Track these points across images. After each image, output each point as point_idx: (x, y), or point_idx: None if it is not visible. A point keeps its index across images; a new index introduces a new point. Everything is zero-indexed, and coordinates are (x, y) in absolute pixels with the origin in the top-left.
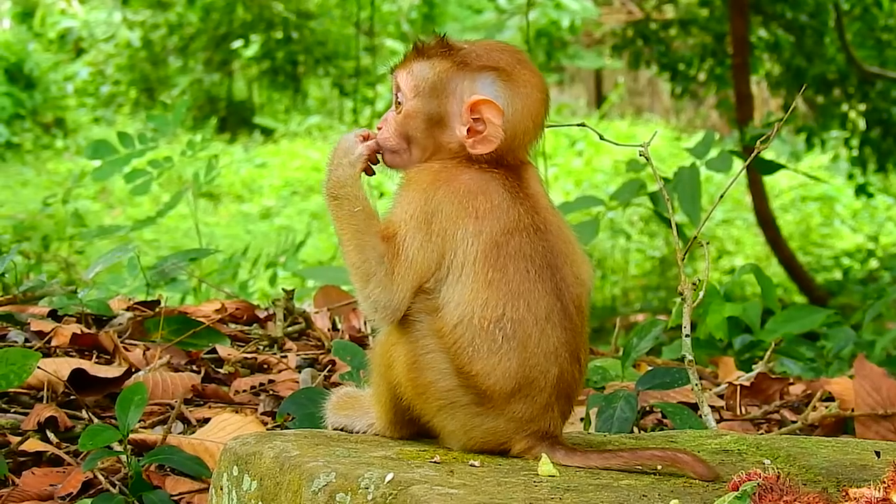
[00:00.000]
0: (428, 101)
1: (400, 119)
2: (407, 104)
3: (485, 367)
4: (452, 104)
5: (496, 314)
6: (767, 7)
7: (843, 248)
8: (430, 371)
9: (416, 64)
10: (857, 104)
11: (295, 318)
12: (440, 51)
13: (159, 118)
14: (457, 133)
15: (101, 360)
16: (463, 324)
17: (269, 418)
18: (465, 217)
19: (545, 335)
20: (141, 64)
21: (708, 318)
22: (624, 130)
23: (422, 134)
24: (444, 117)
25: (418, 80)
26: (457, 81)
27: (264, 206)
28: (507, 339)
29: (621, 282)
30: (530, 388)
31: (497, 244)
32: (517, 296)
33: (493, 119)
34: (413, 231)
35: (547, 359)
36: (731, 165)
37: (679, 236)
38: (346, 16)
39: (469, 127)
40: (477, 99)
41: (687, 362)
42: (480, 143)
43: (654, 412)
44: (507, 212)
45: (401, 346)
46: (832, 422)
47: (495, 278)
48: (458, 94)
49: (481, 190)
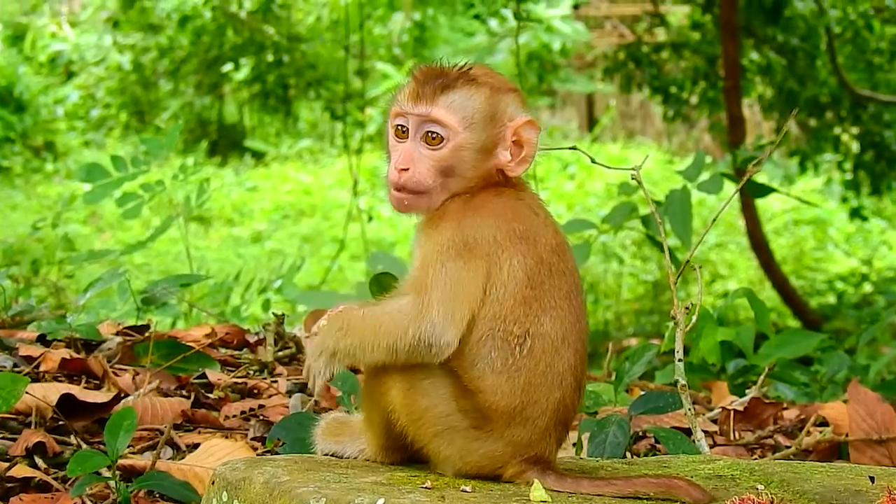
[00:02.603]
0: (481, 132)
1: (444, 154)
2: (457, 137)
3: (493, 384)
4: (502, 131)
5: (522, 329)
6: (759, 30)
7: (837, 272)
8: (427, 396)
9: (453, 96)
10: (849, 127)
11: (285, 342)
12: (465, 79)
13: (152, 141)
14: (500, 158)
15: (91, 385)
16: (486, 338)
17: (258, 444)
18: (510, 238)
19: (559, 355)
20: (131, 87)
21: (701, 342)
22: (616, 154)
23: (469, 165)
24: (494, 145)
25: (466, 111)
26: (501, 107)
27: (255, 229)
28: (523, 356)
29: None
30: (532, 411)
31: (541, 261)
32: (545, 311)
33: (532, 138)
34: (452, 259)
35: (554, 381)
36: (722, 188)
37: (671, 260)
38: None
39: (510, 150)
40: (522, 121)
41: (680, 387)
42: (521, 165)
43: (647, 437)
44: (544, 230)
45: (395, 372)
46: (826, 447)
47: (531, 295)
48: (504, 120)
49: (516, 214)
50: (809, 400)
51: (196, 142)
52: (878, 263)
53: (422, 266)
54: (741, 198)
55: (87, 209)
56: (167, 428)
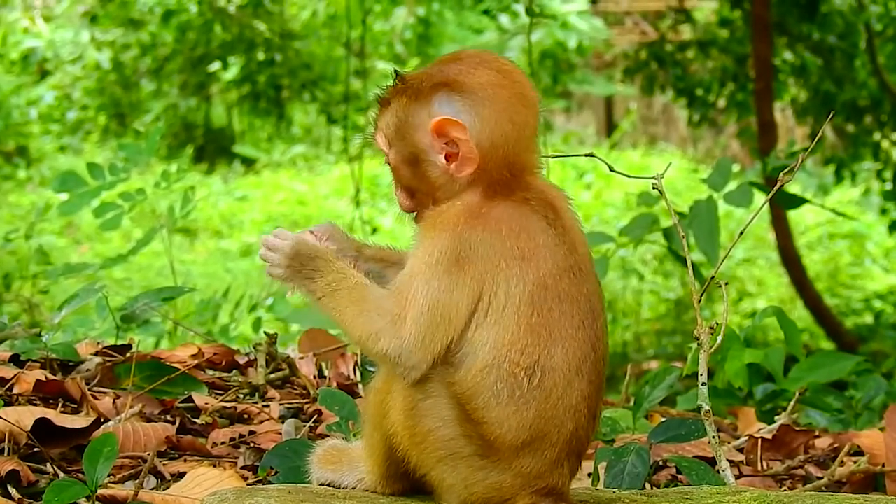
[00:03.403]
0: (400, 146)
1: (394, 176)
2: (389, 158)
3: (500, 416)
4: (421, 138)
5: (530, 360)
6: (793, 27)
7: (875, 289)
8: (431, 418)
9: (381, 118)
10: (890, 133)
11: (278, 363)
12: (396, 90)
13: (131, 147)
14: (438, 164)
15: (68, 410)
16: (490, 367)
17: (249, 473)
18: (510, 258)
19: (571, 387)
20: (111, 87)
21: (727, 364)
22: (636, 161)
23: (413, 181)
24: (418, 155)
25: (385, 130)
26: (415, 113)
27: (245, 242)
28: (532, 388)
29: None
30: (542, 443)
31: (545, 286)
32: (556, 342)
33: (459, 135)
34: (439, 275)
35: (566, 413)
36: (751, 199)
37: (695, 276)
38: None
39: (445, 153)
40: (436, 121)
41: (703, 413)
42: (462, 166)
43: (668, 467)
44: (553, 251)
45: (398, 392)
46: (861, 478)
47: (537, 323)
48: (421, 126)
49: (522, 227)
50: (843, 427)
51: (181, 147)
52: None
53: (409, 274)
54: (771, 209)
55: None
56: (150, 455)
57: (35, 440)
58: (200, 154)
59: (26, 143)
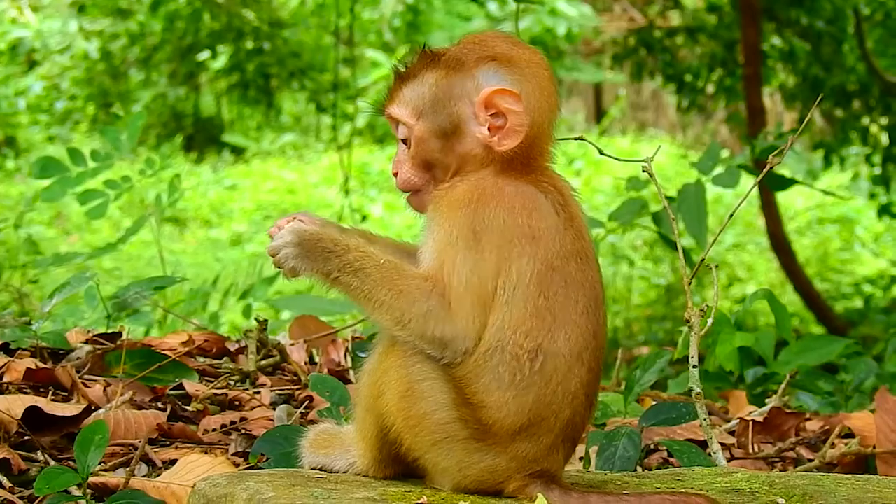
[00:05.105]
0: (435, 117)
1: (413, 150)
2: (415, 130)
3: (499, 399)
4: (463, 108)
5: (534, 344)
6: (781, 13)
7: (865, 274)
8: (427, 401)
9: (405, 89)
10: (879, 117)
11: (269, 350)
12: (426, 63)
13: (112, 133)
14: (478, 136)
15: (58, 398)
16: (493, 350)
17: (241, 459)
18: (521, 236)
19: (571, 373)
20: (99, 77)
21: (717, 348)
22: (626, 147)
23: (440, 153)
24: (459, 125)
25: (415, 102)
26: (459, 84)
27: (235, 231)
28: (534, 373)
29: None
30: (539, 428)
31: (553, 268)
32: (560, 326)
33: (512, 106)
34: (462, 251)
35: (564, 399)
36: (739, 181)
37: (685, 260)
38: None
39: (489, 125)
40: (489, 91)
41: (694, 395)
42: (507, 138)
43: (660, 450)
44: (562, 234)
45: (394, 373)
46: (852, 460)
47: (543, 305)
48: (465, 96)
49: (535, 206)
50: (834, 410)
51: (170, 136)
52: None
53: (435, 255)
54: (761, 194)
55: (52, 210)
56: (141, 443)
57: (26, 428)
58: (190, 143)
59: (14, 133)
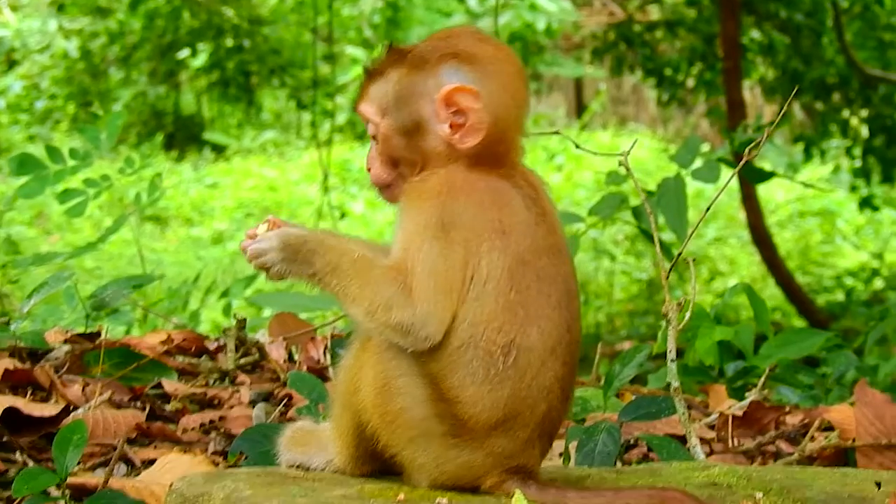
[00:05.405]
0: (398, 115)
1: (380, 147)
2: (380, 128)
3: (474, 395)
4: (424, 107)
5: (506, 339)
6: (760, 6)
7: (846, 266)
8: (403, 396)
9: (373, 87)
10: (858, 110)
11: (248, 348)
12: (392, 61)
13: (92, 131)
14: (440, 134)
15: (37, 398)
16: (466, 345)
17: (220, 458)
18: (491, 231)
19: (545, 368)
20: (79, 76)
21: (697, 342)
22: (607, 142)
23: (405, 151)
24: (420, 123)
25: (380, 99)
26: (420, 82)
27: (216, 229)
28: (507, 367)
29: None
30: (514, 423)
31: (524, 262)
32: (532, 321)
33: (472, 104)
34: (429, 240)
35: (539, 393)
36: (719, 175)
37: (665, 254)
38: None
39: (450, 122)
40: (448, 89)
41: (673, 390)
42: (467, 136)
43: (640, 445)
44: (533, 229)
45: (369, 369)
46: (832, 453)
47: (515, 300)
48: (426, 94)
49: (505, 201)
50: (814, 403)
51: (150, 135)
52: (890, 257)
53: (402, 245)
54: (742, 188)
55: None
56: (120, 442)
57: (4, 429)
58: (170, 142)
59: None
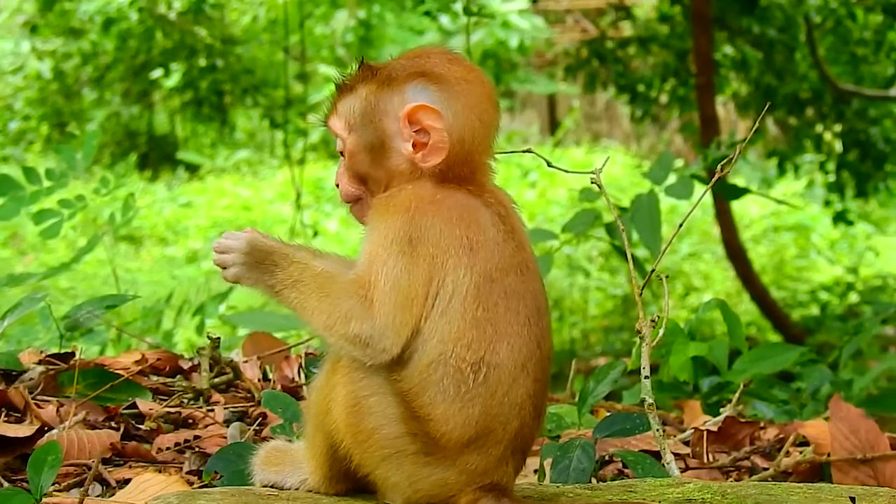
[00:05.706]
0: (363, 131)
1: (347, 163)
2: (347, 144)
3: (445, 413)
4: (389, 124)
5: (476, 356)
6: (733, 22)
7: (821, 281)
8: (374, 416)
9: (341, 102)
10: (832, 125)
11: (222, 368)
12: (362, 77)
13: (66, 151)
14: (403, 152)
15: (11, 419)
16: (436, 363)
17: (195, 477)
18: (458, 247)
19: (516, 384)
20: (53, 97)
21: (671, 358)
22: (580, 158)
23: (370, 167)
24: (384, 141)
25: (347, 115)
26: (386, 100)
27: (190, 248)
28: (478, 385)
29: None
30: (487, 440)
31: (492, 279)
32: (501, 338)
33: (433, 123)
34: (395, 255)
35: (511, 410)
36: (692, 191)
37: (639, 270)
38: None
39: (413, 141)
40: (410, 107)
41: (647, 406)
42: (430, 155)
43: (615, 461)
44: (501, 247)
45: (341, 389)
46: (807, 468)
47: (483, 317)
48: (391, 112)
49: (473, 218)
50: (789, 418)
51: (124, 155)
52: (865, 271)
53: (367, 258)
54: (715, 204)
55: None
56: (95, 463)
57: None
58: (144, 161)
59: None
